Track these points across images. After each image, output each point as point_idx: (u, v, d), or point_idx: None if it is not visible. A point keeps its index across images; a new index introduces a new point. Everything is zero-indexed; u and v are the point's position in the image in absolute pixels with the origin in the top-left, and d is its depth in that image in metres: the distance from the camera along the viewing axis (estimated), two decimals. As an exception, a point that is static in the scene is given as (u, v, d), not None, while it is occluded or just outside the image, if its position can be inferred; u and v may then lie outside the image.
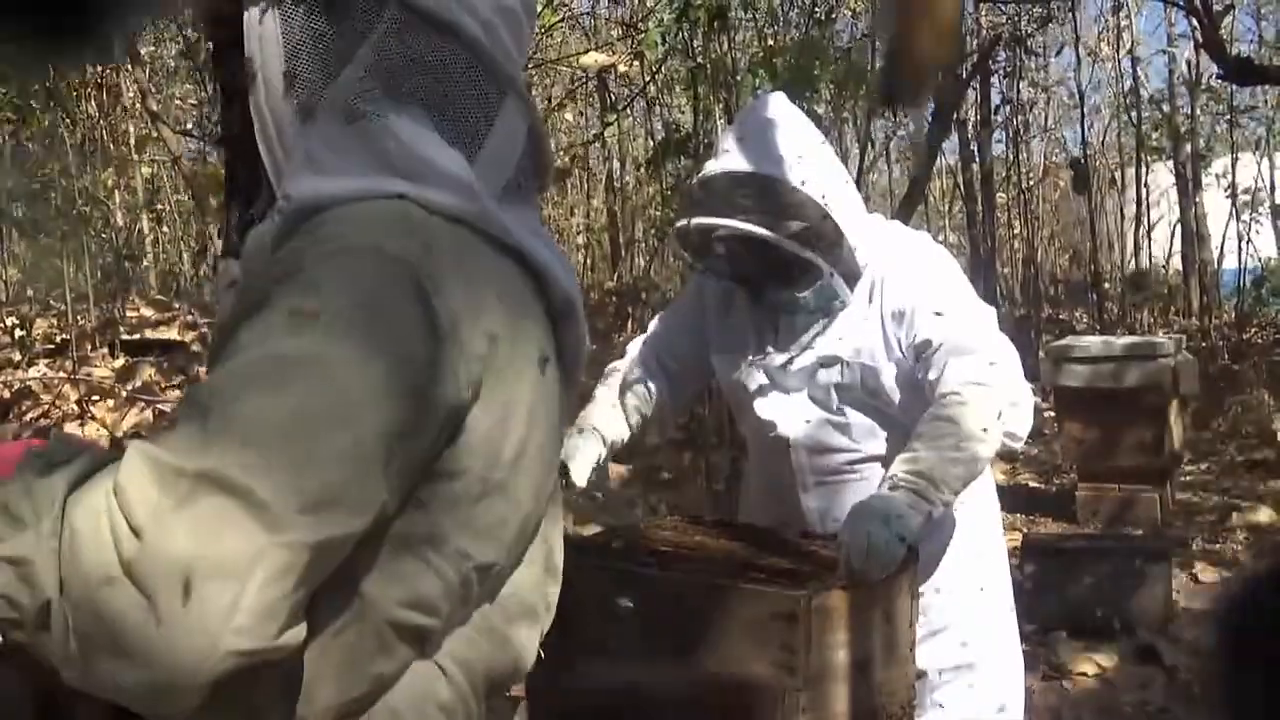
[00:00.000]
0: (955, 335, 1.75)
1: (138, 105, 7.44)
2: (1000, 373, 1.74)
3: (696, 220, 1.77)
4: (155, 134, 6.54)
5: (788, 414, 1.88)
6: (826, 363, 1.84)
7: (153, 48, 8.31)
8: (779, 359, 1.88)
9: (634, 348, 2.07)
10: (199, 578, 0.68)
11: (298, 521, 0.71)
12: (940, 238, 4.27)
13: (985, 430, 1.69)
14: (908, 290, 1.79)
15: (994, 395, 1.71)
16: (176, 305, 7.67)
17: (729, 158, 1.77)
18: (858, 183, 3.84)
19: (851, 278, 1.80)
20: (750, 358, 1.92)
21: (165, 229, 9.32)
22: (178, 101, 8.59)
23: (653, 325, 2.11)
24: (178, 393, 4.74)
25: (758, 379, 1.91)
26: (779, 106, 1.84)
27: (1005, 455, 5.96)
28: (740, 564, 1.56)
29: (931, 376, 1.75)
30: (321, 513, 0.72)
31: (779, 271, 1.81)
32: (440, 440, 0.82)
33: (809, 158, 1.76)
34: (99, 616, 0.69)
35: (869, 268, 1.82)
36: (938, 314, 1.77)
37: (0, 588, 0.71)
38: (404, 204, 0.85)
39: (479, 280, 0.86)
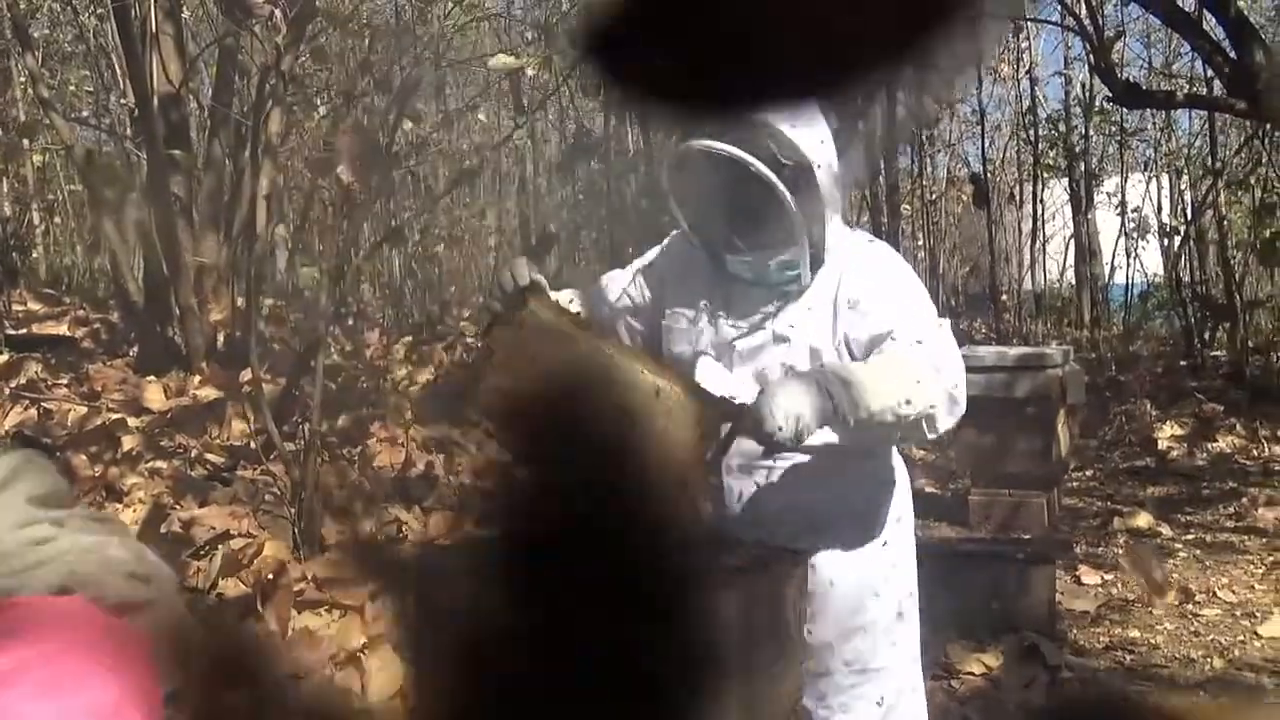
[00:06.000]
0: (916, 328, 1.80)
1: (28, 90, 7.15)
2: (946, 368, 1.78)
3: (698, 142, 1.76)
4: (47, 121, 6.28)
5: (727, 388, 1.85)
6: (776, 340, 1.87)
7: (47, 31, 8.00)
8: (730, 332, 1.90)
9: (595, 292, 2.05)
10: None
11: None
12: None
13: (918, 383, 1.72)
14: (871, 285, 1.84)
15: (937, 377, 1.76)
16: (67, 300, 7.39)
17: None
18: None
19: (816, 261, 1.85)
20: (700, 327, 1.92)
21: (57, 220, 8.97)
22: (72, 88, 8.28)
23: (607, 280, 2.09)
24: (65, 390, 4.56)
25: (704, 350, 1.92)
26: None
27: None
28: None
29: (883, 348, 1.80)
30: None
31: (752, 228, 1.82)
32: None
33: (812, 134, 1.79)
34: None
35: (831, 258, 1.86)
36: (901, 309, 1.82)
37: None
38: None
39: None
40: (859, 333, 1.83)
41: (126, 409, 4.28)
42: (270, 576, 3.03)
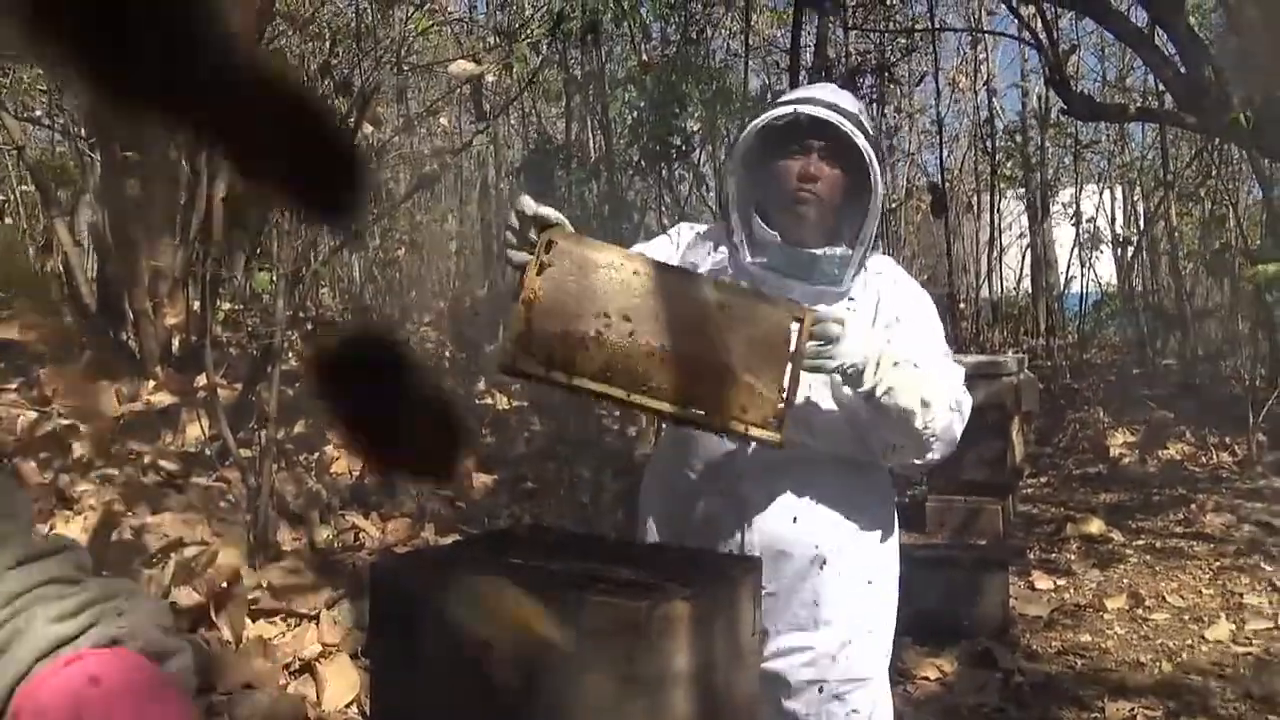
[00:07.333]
0: (944, 361, 1.78)
1: (-21, 89, 7.02)
2: (962, 404, 1.75)
3: (803, 108, 1.72)
4: (-2, 120, 6.17)
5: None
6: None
7: (-2, 29, 7.85)
8: None
9: None
10: None
11: None
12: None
13: (945, 400, 1.69)
14: (910, 304, 1.82)
15: (957, 409, 1.73)
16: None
17: (833, 97, 1.77)
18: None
19: (858, 267, 1.79)
20: None
21: (8, 221, 8.80)
22: (25, 86, 8.13)
23: None
24: (14, 395, 4.48)
25: None
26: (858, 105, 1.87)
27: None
28: (585, 575, 1.58)
29: None
30: None
31: (807, 219, 1.77)
32: None
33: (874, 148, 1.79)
34: None
35: (866, 271, 1.81)
36: (936, 335, 1.80)
37: None
38: None
39: None
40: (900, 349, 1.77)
41: (78, 415, 4.21)
42: (224, 585, 3.00)
